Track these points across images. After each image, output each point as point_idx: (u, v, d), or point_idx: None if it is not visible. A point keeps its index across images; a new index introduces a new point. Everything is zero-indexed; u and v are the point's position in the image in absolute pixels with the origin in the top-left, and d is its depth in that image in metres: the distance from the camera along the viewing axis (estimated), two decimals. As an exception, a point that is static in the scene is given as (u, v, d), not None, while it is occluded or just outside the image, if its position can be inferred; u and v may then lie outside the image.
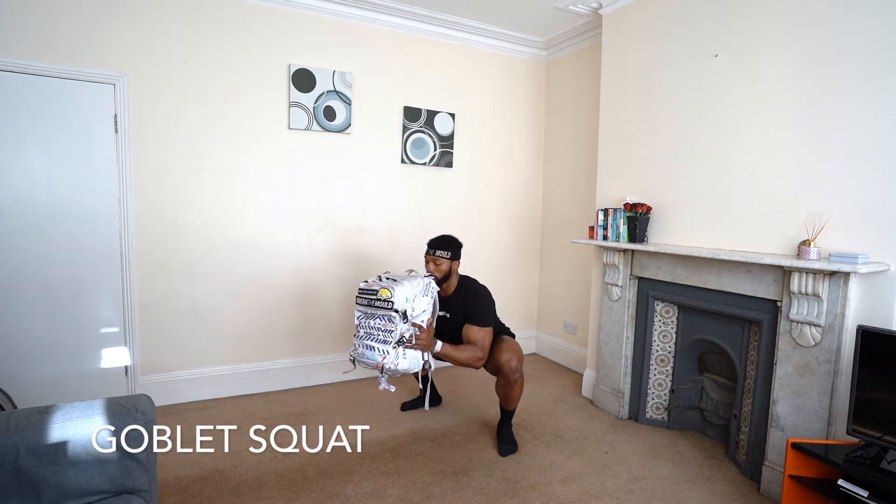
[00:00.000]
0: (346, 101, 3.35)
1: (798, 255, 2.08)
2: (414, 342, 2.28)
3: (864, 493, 1.69)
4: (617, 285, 3.00)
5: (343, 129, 3.37)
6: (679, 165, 2.71)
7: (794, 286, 2.07)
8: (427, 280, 2.41)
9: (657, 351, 2.89)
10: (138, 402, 1.42)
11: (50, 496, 1.26)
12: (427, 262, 2.57)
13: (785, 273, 2.14)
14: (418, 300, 2.33)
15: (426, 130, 3.66)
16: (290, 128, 3.21)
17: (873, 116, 1.93)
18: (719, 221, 2.51)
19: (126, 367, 2.92)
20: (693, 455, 2.55)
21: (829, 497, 1.80)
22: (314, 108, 3.26)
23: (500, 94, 3.97)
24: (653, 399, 2.93)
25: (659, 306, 2.87)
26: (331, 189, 3.40)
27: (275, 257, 3.26)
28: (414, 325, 2.30)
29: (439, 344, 2.39)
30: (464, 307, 2.55)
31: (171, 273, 2.99)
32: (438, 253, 2.54)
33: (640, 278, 2.92)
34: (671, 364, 2.87)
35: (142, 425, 1.38)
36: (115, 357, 2.90)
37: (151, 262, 2.94)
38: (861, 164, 1.97)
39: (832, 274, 1.98)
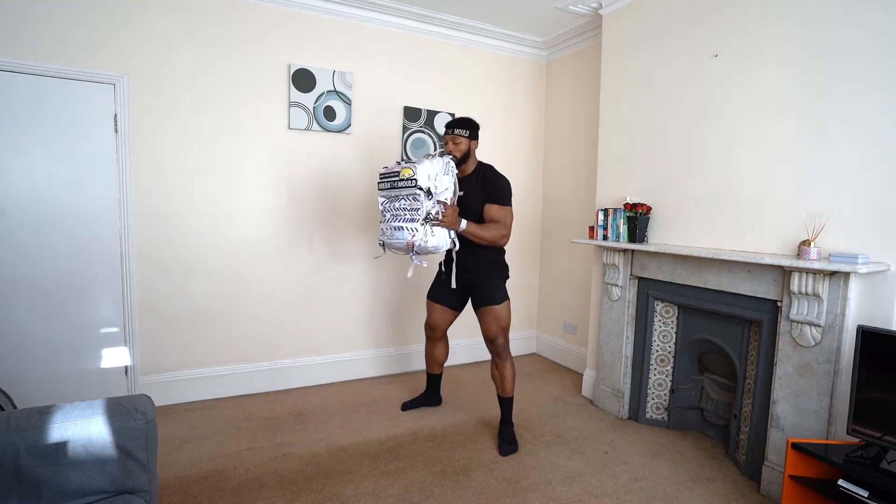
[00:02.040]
0: (346, 101, 3.35)
1: (798, 255, 2.08)
2: (441, 218, 2.32)
3: (864, 494, 1.69)
4: (617, 285, 3.00)
5: (343, 129, 3.37)
6: (679, 165, 2.71)
7: (794, 286, 2.07)
8: (446, 158, 2.42)
9: (657, 351, 2.90)
10: (138, 402, 1.42)
11: (50, 496, 1.26)
12: (446, 143, 2.58)
13: (785, 273, 2.14)
14: (440, 178, 2.35)
15: (426, 130, 3.66)
16: (290, 128, 3.21)
17: (874, 116, 1.93)
18: (719, 221, 2.51)
19: (126, 367, 2.92)
20: (693, 455, 2.55)
21: (829, 497, 1.80)
22: (314, 108, 3.26)
23: (501, 94, 3.97)
24: (653, 399, 2.93)
25: (659, 306, 2.87)
26: (331, 189, 3.40)
27: (275, 257, 3.27)
28: (438, 202, 2.32)
29: (464, 222, 2.42)
30: (484, 187, 2.55)
31: (171, 273, 2.99)
32: (457, 132, 2.54)
33: (640, 278, 2.92)
34: (671, 364, 2.87)
35: (142, 425, 1.38)
36: (115, 357, 2.90)
37: (151, 262, 2.94)
38: (861, 164, 1.97)
39: (832, 274, 1.98)
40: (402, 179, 2.31)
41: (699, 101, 2.60)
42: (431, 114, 3.66)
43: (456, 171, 2.46)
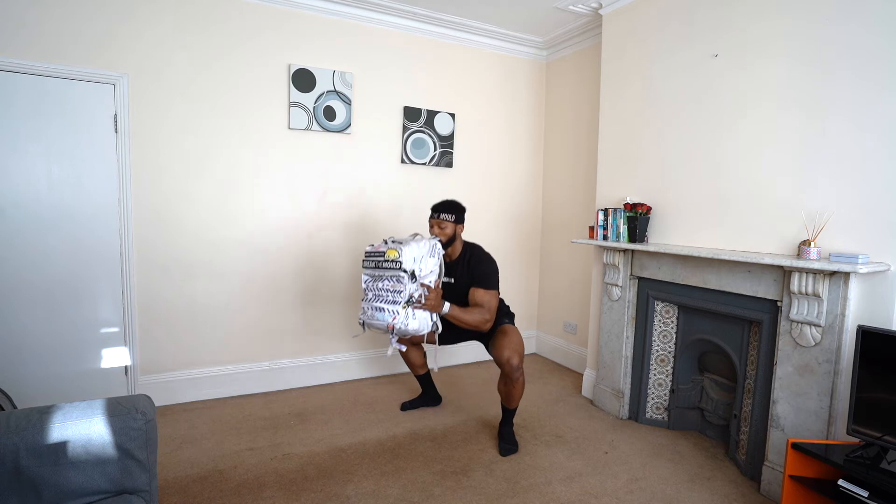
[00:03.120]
0: (346, 101, 3.35)
1: (798, 255, 2.08)
2: (423, 302, 2.29)
3: (864, 494, 1.69)
4: (617, 285, 3.00)
5: (343, 129, 3.37)
6: (679, 165, 2.71)
7: (795, 286, 2.07)
8: (433, 241, 2.42)
9: (657, 351, 2.89)
10: (138, 402, 1.42)
11: (50, 496, 1.26)
12: (431, 227, 2.58)
13: (785, 273, 2.14)
14: (425, 261, 2.34)
15: (426, 130, 3.66)
16: (290, 128, 3.21)
17: (874, 115, 1.93)
18: (719, 221, 2.51)
19: (126, 367, 2.92)
20: (693, 455, 2.55)
21: (829, 497, 1.80)
22: (314, 108, 3.26)
23: (501, 94, 3.97)
24: (653, 399, 2.93)
25: (659, 306, 2.87)
26: (331, 189, 3.40)
27: (275, 257, 3.27)
28: (422, 285, 2.30)
29: (447, 305, 2.40)
30: (469, 271, 2.55)
31: (170, 273, 2.99)
32: (443, 216, 2.55)
33: (640, 278, 2.92)
34: (671, 364, 2.87)
35: (142, 425, 1.38)
36: (115, 357, 2.90)
37: (151, 262, 2.94)
38: (861, 164, 1.97)
39: (832, 274, 1.98)
40: (387, 261, 2.29)
41: (699, 100, 2.60)
42: (431, 114, 3.66)
43: (442, 253, 2.46)
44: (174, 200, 2.97)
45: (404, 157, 3.61)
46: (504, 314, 2.69)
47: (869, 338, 1.79)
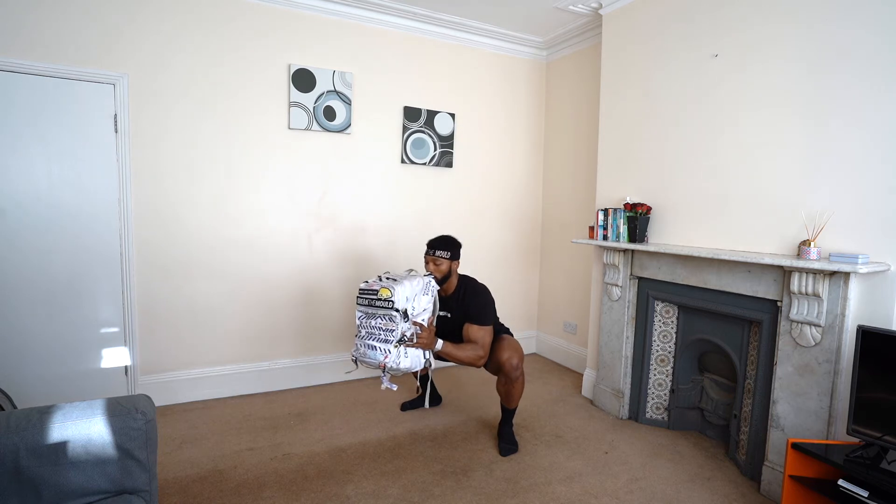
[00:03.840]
0: (346, 101, 3.35)
1: (798, 255, 2.08)
2: (415, 341, 2.29)
3: (864, 494, 1.69)
4: (617, 285, 3.00)
5: (343, 129, 3.37)
6: (679, 165, 2.71)
7: (794, 286, 2.07)
8: (427, 279, 2.42)
9: (657, 351, 2.89)
10: (138, 402, 1.42)
11: (50, 496, 1.26)
12: (427, 263, 2.58)
13: (785, 273, 2.14)
14: (418, 299, 2.34)
15: (426, 130, 3.66)
16: (290, 128, 3.21)
17: (874, 116, 1.93)
18: (719, 221, 2.51)
19: (126, 367, 2.92)
20: (693, 455, 2.55)
21: (829, 497, 1.80)
22: (314, 108, 3.26)
23: (501, 95, 3.97)
24: (653, 399, 2.93)
25: (659, 306, 2.87)
26: (331, 189, 3.40)
27: (275, 257, 3.27)
28: (415, 323, 2.30)
29: (440, 342, 2.40)
30: (464, 306, 2.55)
31: (170, 273, 2.99)
32: (438, 253, 2.55)
33: (640, 278, 2.92)
34: (671, 364, 2.87)
35: (142, 425, 1.38)
36: (115, 357, 2.90)
37: (151, 262, 2.94)
38: (861, 164, 1.97)
39: (832, 274, 1.98)
40: (380, 299, 2.28)
41: (699, 100, 2.60)
42: (431, 114, 3.66)
43: (437, 289, 2.46)
44: (174, 200, 2.97)
45: (404, 157, 3.61)
46: (502, 331, 2.69)
47: (869, 338, 1.79)
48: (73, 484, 1.29)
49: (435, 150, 3.70)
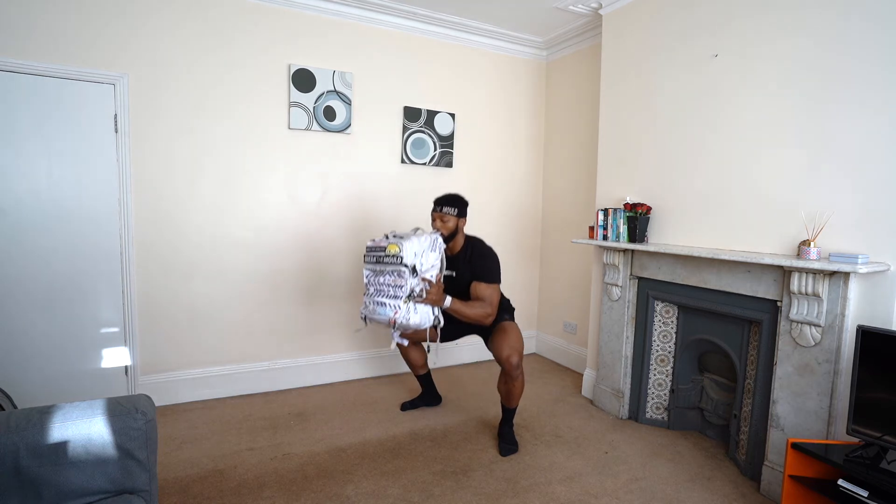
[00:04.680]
0: (346, 101, 3.35)
1: (798, 255, 2.08)
2: (424, 296, 2.29)
3: (864, 494, 1.69)
4: (617, 285, 3.00)
5: (343, 129, 3.37)
6: (679, 165, 2.71)
7: (794, 286, 2.07)
8: (434, 235, 2.42)
9: (657, 351, 2.90)
10: (138, 402, 1.42)
11: (50, 496, 1.26)
12: (434, 220, 2.57)
13: (785, 273, 2.14)
14: (426, 255, 2.34)
15: (426, 130, 3.66)
16: (290, 128, 3.21)
17: (874, 116, 1.93)
18: (719, 221, 2.51)
19: (126, 367, 2.92)
20: (693, 455, 2.55)
21: (829, 497, 1.80)
22: (314, 108, 3.26)
23: (500, 94, 3.97)
24: (653, 399, 2.93)
25: (659, 306, 2.87)
26: (331, 189, 3.40)
27: (275, 257, 3.27)
28: (424, 279, 2.31)
29: (449, 299, 2.40)
30: (471, 265, 2.55)
31: (171, 273, 2.99)
32: (445, 209, 2.53)
33: (639, 278, 2.92)
34: (671, 364, 2.87)
35: (142, 425, 1.38)
36: (115, 357, 2.90)
37: (151, 262, 2.94)
38: (861, 164, 1.97)
39: (832, 274, 1.98)
40: (388, 255, 2.29)
41: (699, 100, 2.60)
42: (431, 114, 3.66)
43: (444, 247, 2.45)
44: (174, 200, 2.97)
45: (404, 157, 3.61)
46: (504, 309, 2.68)
47: (869, 338, 1.79)
48: (73, 484, 1.29)
49: (435, 150, 3.70)
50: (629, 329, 2.97)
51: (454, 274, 2.57)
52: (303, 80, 3.20)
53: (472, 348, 3.97)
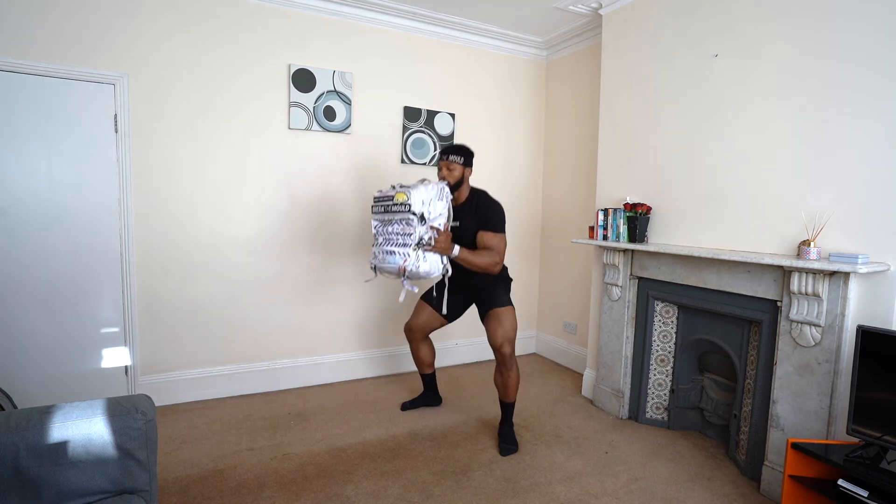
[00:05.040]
0: (346, 101, 3.35)
1: (798, 255, 2.08)
2: (433, 244, 2.31)
3: (864, 493, 1.69)
4: (617, 285, 3.00)
5: (343, 129, 3.37)
6: (679, 165, 2.71)
7: (794, 286, 2.07)
8: (441, 185, 2.43)
9: (657, 351, 2.90)
10: (138, 402, 1.42)
11: (50, 496, 1.26)
12: (440, 169, 2.57)
13: (785, 273, 2.14)
14: (434, 204, 2.35)
15: (426, 130, 3.66)
16: (290, 128, 3.22)
17: (873, 116, 1.93)
18: (719, 221, 2.51)
19: (126, 367, 2.92)
20: (693, 455, 2.55)
21: (829, 497, 1.80)
22: (314, 108, 3.26)
23: (500, 95, 3.97)
24: (653, 399, 2.93)
25: (659, 306, 2.87)
26: (331, 189, 3.40)
27: (275, 257, 3.27)
28: (432, 227, 2.32)
29: (457, 248, 2.42)
30: (477, 215, 2.55)
31: (171, 273, 2.99)
32: (451, 158, 2.54)
33: (639, 278, 2.92)
34: (671, 364, 2.87)
35: (142, 425, 1.38)
36: (115, 357, 2.90)
37: (151, 262, 2.94)
38: (861, 164, 1.97)
39: (832, 274, 1.98)
40: (396, 204, 2.31)
41: (699, 100, 2.60)
42: (431, 114, 3.66)
43: (450, 197, 2.46)
44: (174, 200, 2.97)
45: (404, 157, 3.61)
46: (503, 288, 2.65)
47: (869, 338, 1.79)
48: (73, 484, 1.29)
49: (435, 150, 3.70)
50: (629, 329, 2.97)
51: (458, 224, 2.57)
52: (303, 80, 3.20)
53: (472, 348, 3.97)
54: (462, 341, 3.90)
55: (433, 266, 2.36)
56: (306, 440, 2.60)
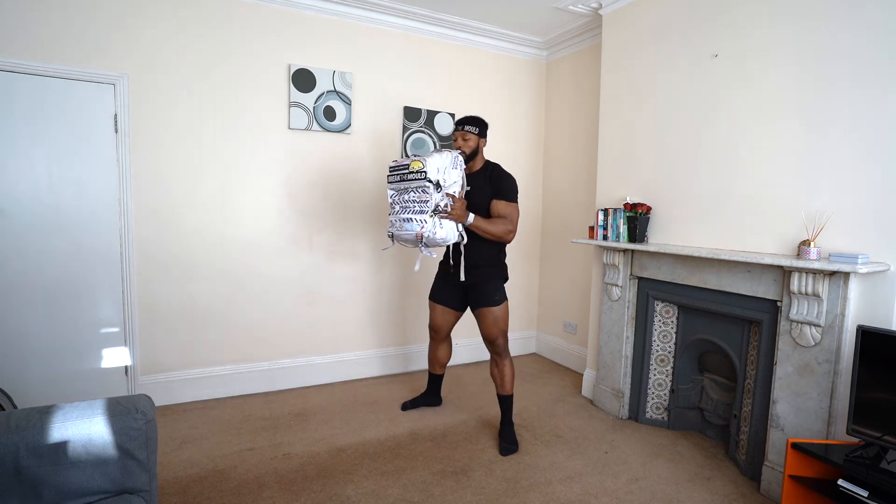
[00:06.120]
0: (346, 101, 3.35)
1: (798, 255, 2.08)
2: (449, 211, 2.35)
3: (864, 493, 1.69)
4: (617, 285, 3.00)
5: (343, 129, 3.37)
6: (679, 165, 2.71)
7: (794, 286, 2.07)
8: (455, 153, 2.45)
9: (657, 351, 2.90)
10: (138, 402, 1.42)
11: (50, 496, 1.26)
12: (455, 139, 2.61)
13: (785, 273, 2.14)
14: (448, 172, 2.39)
15: (426, 130, 3.66)
16: (290, 128, 3.21)
17: (874, 116, 1.93)
18: (719, 221, 2.51)
19: (126, 367, 2.92)
20: (693, 455, 2.55)
21: (829, 497, 1.80)
22: (314, 108, 3.26)
23: (500, 95, 3.97)
24: (653, 399, 2.93)
25: (659, 306, 2.87)
26: (331, 189, 3.40)
27: (275, 257, 3.27)
28: (447, 195, 2.36)
29: (472, 216, 2.45)
30: (491, 184, 2.58)
31: (171, 273, 2.99)
32: (467, 128, 2.57)
33: (639, 278, 2.92)
34: (671, 364, 2.87)
35: (142, 425, 1.38)
36: (115, 357, 2.90)
37: (151, 262, 2.94)
38: (861, 164, 1.97)
39: (832, 274, 1.98)
40: (412, 172, 2.35)
41: (699, 100, 2.60)
42: (431, 114, 3.66)
43: (464, 166, 2.49)
44: (174, 200, 2.97)
45: (406, 156, 3.60)
46: (496, 287, 2.62)
47: (869, 338, 1.79)
48: (73, 484, 1.29)
49: (435, 150, 3.70)
50: (629, 329, 2.97)
51: (469, 188, 2.59)
52: (303, 80, 3.20)
53: (472, 348, 3.97)
54: (462, 341, 3.89)
55: (449, 233, 2.40)
56: (306, 440, 2.60)
